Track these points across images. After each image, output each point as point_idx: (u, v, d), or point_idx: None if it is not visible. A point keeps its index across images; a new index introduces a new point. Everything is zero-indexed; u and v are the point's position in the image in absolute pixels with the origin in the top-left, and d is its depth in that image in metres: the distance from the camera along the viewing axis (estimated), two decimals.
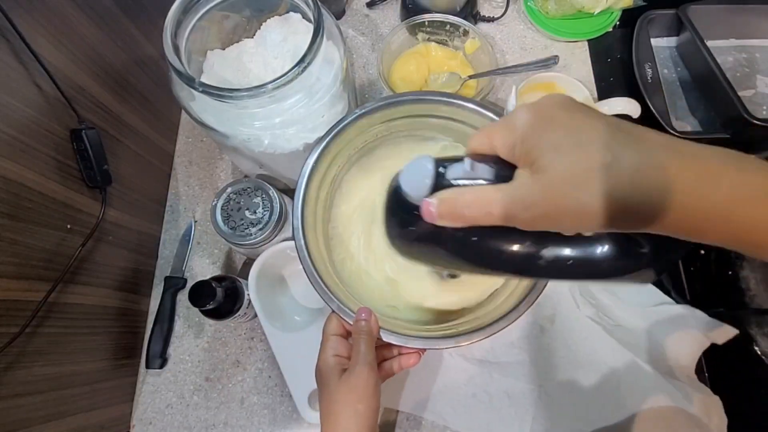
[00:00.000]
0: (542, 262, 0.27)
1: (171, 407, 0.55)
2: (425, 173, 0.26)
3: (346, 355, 0.39)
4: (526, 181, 0.23)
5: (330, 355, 0.39)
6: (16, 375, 0.39)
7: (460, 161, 0.26)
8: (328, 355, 0.39)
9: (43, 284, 0.41)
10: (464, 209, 0.24)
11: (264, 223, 0.48)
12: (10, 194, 0.38)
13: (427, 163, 0.27)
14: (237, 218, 0.49)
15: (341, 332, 0.41)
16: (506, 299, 0.42)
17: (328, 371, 0.37)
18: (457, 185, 0.25)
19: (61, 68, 0.44)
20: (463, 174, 0.25)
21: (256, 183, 0.50)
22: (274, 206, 0.49)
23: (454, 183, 0.26)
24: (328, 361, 0.38)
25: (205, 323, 0.58)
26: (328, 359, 0.38)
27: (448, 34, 0.66)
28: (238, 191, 0.50)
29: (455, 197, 0.25)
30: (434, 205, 0.25)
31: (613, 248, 0.26)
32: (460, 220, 0.25)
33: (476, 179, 0.25)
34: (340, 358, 0.39)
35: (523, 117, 0.23)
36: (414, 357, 0.42)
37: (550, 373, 0.53)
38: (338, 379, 0.37)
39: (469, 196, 0.24)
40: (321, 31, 0.41)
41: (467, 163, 0.25)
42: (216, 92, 0.39)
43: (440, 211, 0.25)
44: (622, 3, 0.68)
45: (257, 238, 0.48)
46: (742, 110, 0.55)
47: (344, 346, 0.40)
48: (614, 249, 0.26)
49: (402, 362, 0.41)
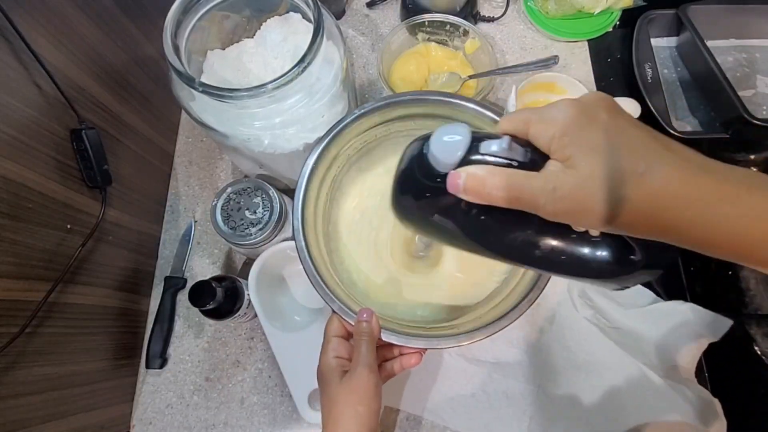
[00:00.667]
0: (538, 252, 0.27)
1: (171, 407, 0.55)
2: (459, 144, 0.25)
3: (347, 357, 0.39)
4: (559, 174, 0.23)
5: (331, 356, 0.39)
6: (16, 375, 0.39)
7: (496, 138, 0.25)
8: (329, 357, 0.39)
9: (43, 284, 0.41)
10: (493, 190, 0.24)
11: (264, 223, 0.48)
12: (10, 194, 0.38)
13: (463, 131, 0.25)
14: (237, 218, 0.49)
15: (342, 333, 0.41)
16: (506, 298, 0.42)
17: (329, 372, 0.38)
18: (485, 161, 0.25)
19: (61, 68, 0.44)
20: (499, 151, 0.25)
21: (256, 183, 0.50)
22: (274, 206, 0.49)
23: (485, 158, 0.25)
24: (329, 363, 0.38)
25: (205, 323, 0.58)
26: (329, 360, 0.38)
27: (448, 34, 0.66)
28: (238, 191, 0.50)
29: (486, 176, 0.24)
30: (462, 178, 0.25)
31: (608, 253, 0.26)
32: (485, 198, 0.25)
33: (510, 160, 0.25)
34: (341, 359, 0.39)
35: (566, 111, 0.23)
36: (415, 357, 0.41)
37: (548, 373, 0.53)
38: (339, 380, 0.37)
39: (499, 178, 0.24)
40: (321, 31, 0.41)
41: (505, 141, 0.25)
42: (216, 92, 0.39)
43: (467, 186, 0.25)
44: (622, 3, 0.68)
45: (257, 238, 0.48)
46: (742, 110, 0.55)
47: (345, 347, 0.40)
48: (609, 254, 0.26)
49: (403, 362, 0.41)
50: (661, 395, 0.48)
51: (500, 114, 0.45)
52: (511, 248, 0.28)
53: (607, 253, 0.26)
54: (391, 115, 0.47)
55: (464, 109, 0.46)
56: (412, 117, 0.48)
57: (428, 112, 0.47)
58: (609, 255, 0.26)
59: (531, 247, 0.27)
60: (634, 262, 0.26)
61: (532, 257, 0.27)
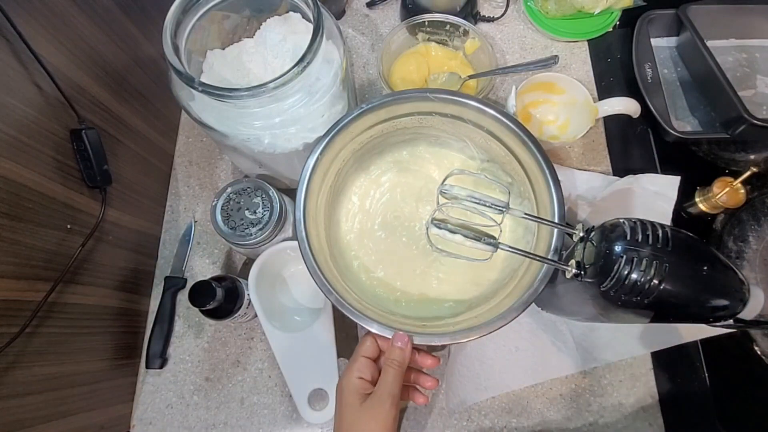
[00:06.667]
0: None
1: (171, 407, 0.55)
2: None
3: (371, 380, 0.39)
4: None
5: (356, 376, 0.39)
6: (16, 375, 0.39)
7: None
8: (354, 376, 0.39)
9: (43, 284, 0.41)
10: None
11: (264, 223, 0.48)
12: (10, 194, 0.38)
13: None
14: (237, 218, 0.49)
15: (373, 355, 0.41)
16: (504, 300, 0.42)
17: (351, 394, 0.38)
18: None
19: (61, 68, 0.44)
20: None
21: (256, 183, 0.50)
22: (274, 206, 0.49)
23: None
24: (352, 382, 0.39)
25: (205, 323, 0.58)
26: (352, 380, 0.39)
27: (448, 34, 0.66)
28: (238, 191, 0.50)
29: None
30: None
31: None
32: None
33: None
34: (364, 381, 0.39)
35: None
36: (431, 381, 0.43)
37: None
38: (359, 404, 0.37)
39: None
40: (321, 31, 0.41)
41: None
42: (216, 92, 0.39)
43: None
44: (622, 3, 0.68)
45: (257, 238, 0.48)
46: (742, 110, 0.54)
47: (371, 369, 0.40)
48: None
49: (420, 381, 0.43)
50: None
51: (503, 113, 0.45)
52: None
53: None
54: (398, 112, 0.48)
55: (468, 107, 0.46)
56: (417, 114, 0.48)
57: (434, 109, 0.47)
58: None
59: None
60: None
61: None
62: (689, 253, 0.30)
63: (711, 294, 0.30)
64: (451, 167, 0.53)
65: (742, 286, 0.30)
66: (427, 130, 0.51)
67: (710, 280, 0.30)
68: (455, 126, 0.49)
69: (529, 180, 0.46)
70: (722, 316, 0.30)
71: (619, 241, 0.31)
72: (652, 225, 0.31)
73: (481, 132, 0.48)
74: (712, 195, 0.55)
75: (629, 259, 0.30)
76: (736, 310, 0.30)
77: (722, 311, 0.30)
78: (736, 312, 0.30)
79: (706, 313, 0.30)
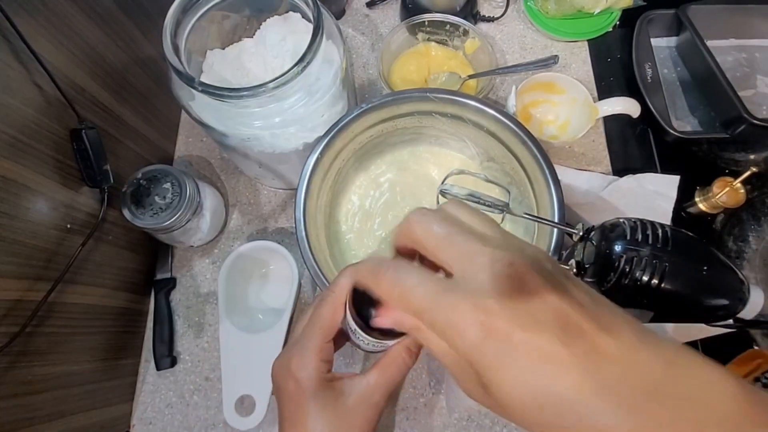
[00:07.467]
0: None
1: (171, 407, 0.55)
2: None
3: (331, 361, 0.27)
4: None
5: (319, 358, 0.25)
6: (16, 375, 0.39)
7: None
8: (316, 358, 0.25)
9: (43, 284, 0.41)
10: None
11: (173, 207, 0.50)
12: (10, 194, 0.38)
13: None
14: (146, 204, 0.51)
15: (333, 329, 0.27)
16: None
17: (316, 382, 0.25)
18: None
19: (61, 68, 0.44)
20: None
21: (166, 169, 0.52)
22: (183, 191, 0.51)
23: None
24: (316, 366, 0.25)
25: (205, 323, 0.58)
26: (315, 363, 0.25)
27: (448, 33, 0.66)
28: (149, 177, 0.52)
29: None
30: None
31: None
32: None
33: None
34: (327, 364, 0.26)
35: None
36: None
37: None
38: (334, 398, 0.25)
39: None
40: (320, 31, 0.41)
41: None
42: (216, 92, 0.39)
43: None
44: (622, 3, 0.68)
45: (166, 222, 0.50)
46: (742, 110, 0.55)
47: (331, 348, 0.27)
48: None
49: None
50: None
51: (503, 113, 0.45)
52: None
53: None
54: (398, 111, 0.48)
55: (467, 107, 0.46)
56: (417, 114, 0.48)
57: (434, 109, 0.47)
58: None
59: None
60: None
61: None
62: (689, 252, 0.30)
63: (711, 294, 0.30)
64: (451, 167, 0.53)
65: (742, 285, 0.30)
66: (427, 130, 0.51)
67: (710, 280, 0.30)
68: (455, 126, 0.49)
69: (529, 180, 0.46)
70: (722, 316, 0.30)
71: (618, 241, 0.31)
72: (652, 225, 0.31)
73: (481, 132, 0.48)
74: (712, 195, 0.56)
75: (629, 258, 0.30)
76: (736, 310, 0.30)
77: (722, 311, 0.30)
78: (735, 312, 0.30)
79: (705, 313, 0.30)
